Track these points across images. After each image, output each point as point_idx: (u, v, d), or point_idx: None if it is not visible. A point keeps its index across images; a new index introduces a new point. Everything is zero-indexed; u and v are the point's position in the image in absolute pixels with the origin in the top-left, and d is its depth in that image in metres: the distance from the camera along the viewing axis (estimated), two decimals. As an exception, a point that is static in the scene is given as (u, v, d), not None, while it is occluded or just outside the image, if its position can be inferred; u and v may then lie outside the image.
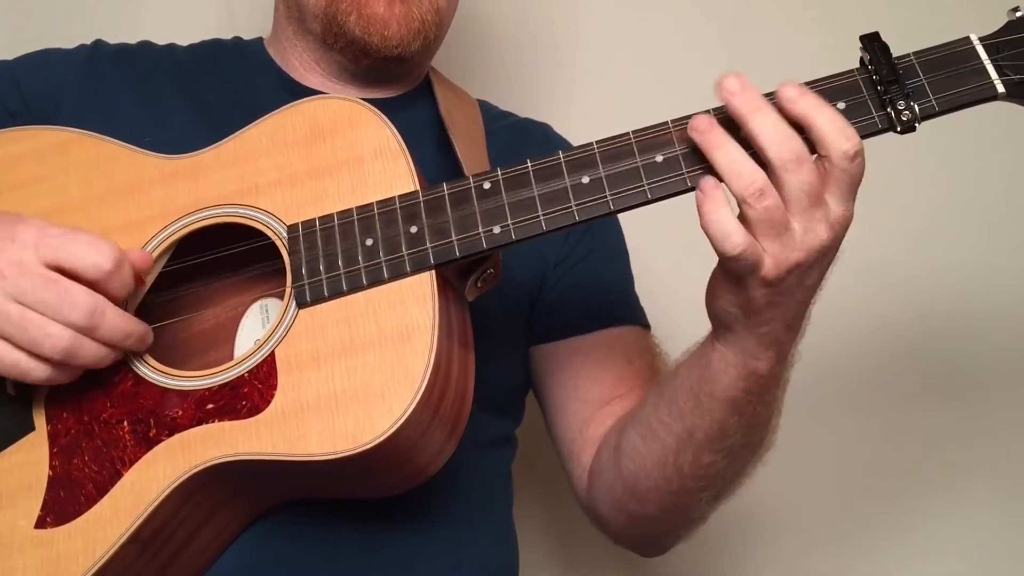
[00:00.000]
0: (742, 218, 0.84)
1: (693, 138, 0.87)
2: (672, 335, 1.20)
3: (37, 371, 0.88)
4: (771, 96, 0.86)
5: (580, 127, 1.23)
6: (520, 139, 1.25)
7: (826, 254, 0.86)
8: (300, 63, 1.22)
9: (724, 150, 0.85)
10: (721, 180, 0.85)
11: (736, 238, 0.82)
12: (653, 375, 1.16)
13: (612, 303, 1.20)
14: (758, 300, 0.87)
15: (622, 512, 1.09)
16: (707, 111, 0.89)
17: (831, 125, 0.83)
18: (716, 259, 0.93)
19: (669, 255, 1.45)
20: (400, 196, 0.93)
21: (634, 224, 1.19)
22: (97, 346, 0.89)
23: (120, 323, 0.89)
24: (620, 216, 1.10)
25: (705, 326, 0.98)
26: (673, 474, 1.00)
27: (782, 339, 0.91)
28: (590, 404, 1.15)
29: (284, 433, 0.87)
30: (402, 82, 1.23)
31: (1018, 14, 0.90)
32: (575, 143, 1.25)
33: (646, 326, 1.22)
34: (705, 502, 1.05)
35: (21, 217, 0.92)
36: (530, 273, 1.17)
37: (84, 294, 0.87)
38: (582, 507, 1.17)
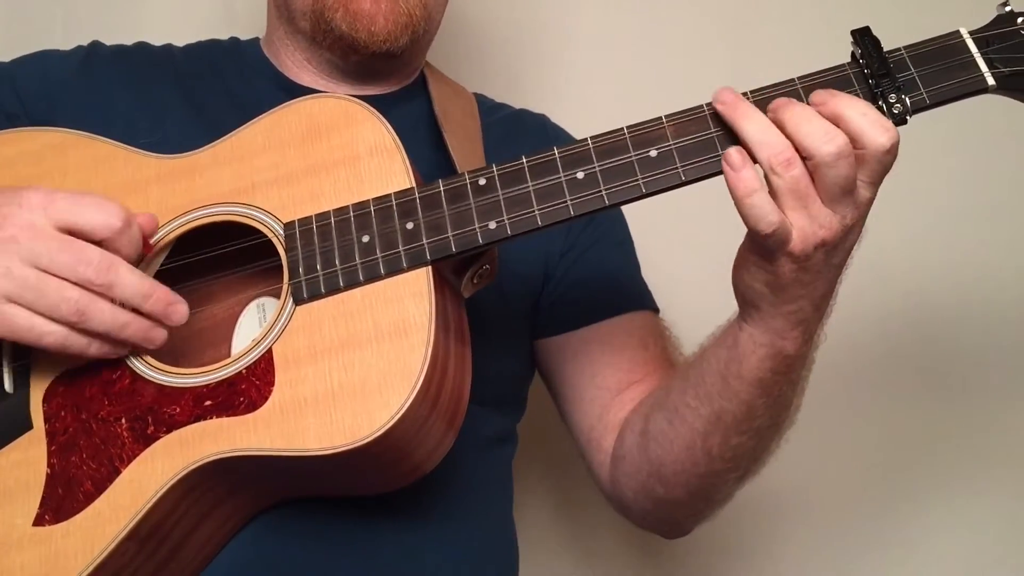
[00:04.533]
0: (769, 189, 0.85)
1: (718, 110, 0.88)
2: (678, 324, 1.22)
3: (53, 335, 0.88)
4: None
5: (578, 120, 1.24)
6: (517, 131, 1.26)
7: (851, 232, 0.88)
8: (292, 62, 1.22)
9: (751, 119, 0.86)
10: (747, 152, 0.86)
11: (772, 216, 0.84)
12: (667, 359, 1.18)
13: (622, 290, 1.21)
14: (786, 276, 0.88)
15: (648, 496, 1.09)
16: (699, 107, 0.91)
17: (865, 119, 0.84)
18: (720, 247, 0.94)
19: (673, 245, 1.46)
20: (396, 193, 0.94)
21: (637, 215, 1.19)
22: (113, 306, 0.89)
23: (136, 280, 0.90)
24: (624, 207, 1.11)
25: (712, 313, 0.99)
26: (702, 457, 1.01)
27: (809, 318, 0.92)
28: (608, 391, 1.15)
29: (282, 429, 0.88)
30: (395, 78, 1.23)
31: (1007, 8, 0.92)
32: (572, 135, 1.26)
33: (656, 310, 1.23)
34: (732, 483, 1.06)
35: (26, 185, 0.92)
36: (532, 267, 1.17)
37: (97, 252, 0.88)
38: (604, 493, 1.18)
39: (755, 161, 0.86)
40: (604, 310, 1.18)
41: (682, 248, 1.51)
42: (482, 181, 0.93)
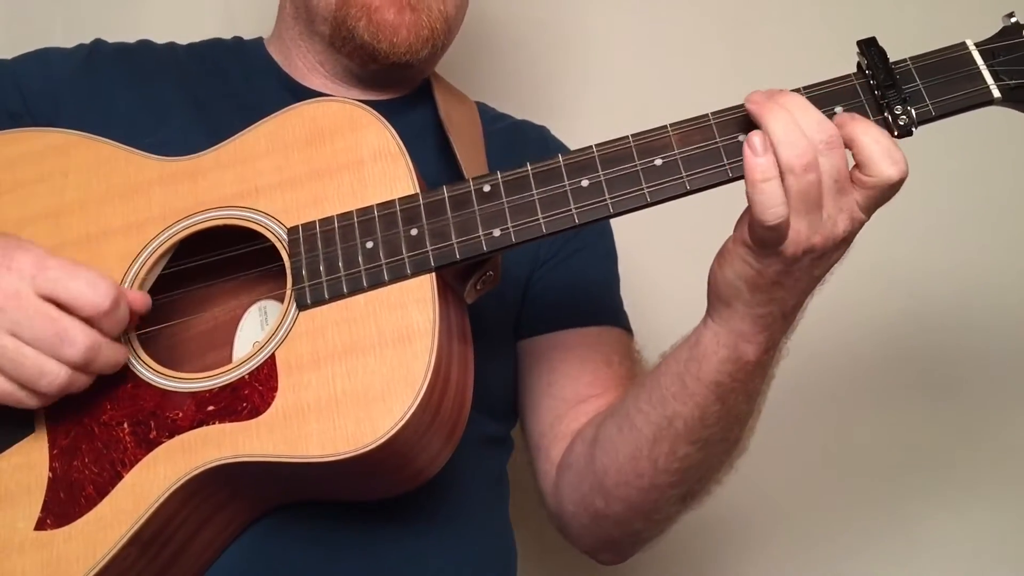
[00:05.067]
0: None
1: (749, 108, 0.88)
2: (662, 337, 1.21)
3: (30, 401, 0.88)
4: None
5: (580, 129, 1.23)
6: (518, 141, 1.25)
7: (839, 247, 0.88)
8: (304, 63, 1.22)
9: (778, 118, 0.86)
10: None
11: (781, 208, 0.84)
12: (631, 380, 1.16)
13: (597, 302, 1.20)
14: (768, 275, 0.88)
15: (587, 510, 1.08)
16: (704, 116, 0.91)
17: (878, 147, 0.85)
18: (708, 259, 0.94)
19: (661, 256, 1.46)
20: (400, 199, 0.94)
21: (627, 226, 1.19)
22: (88, 378, 0.90)
23: (113, 358, 0.90)
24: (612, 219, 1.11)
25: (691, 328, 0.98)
26: (646, 467, 1.00)
27: (776, 327, 0.93)
28: (564, 401, 1.14)
29: (285, 435, 0.88)
30: (403, 85, 1.23)
31: (1013, 20, 0.91)
32: (575, 144, 1.25)
33: (629, 330, 1.22)
34: (673, 501, 1.05)
35: (19, 242, 0.91)
36: (525, 272, 1.17)
37: (82, 333, 0.87)
38: (545, 506, 1.16)
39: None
40: (572, 319, 1.17)
41: (669, 261, 1.50)
42: (487, 188, 0.93)
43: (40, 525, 0.89)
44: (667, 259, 1.49)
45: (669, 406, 0.97)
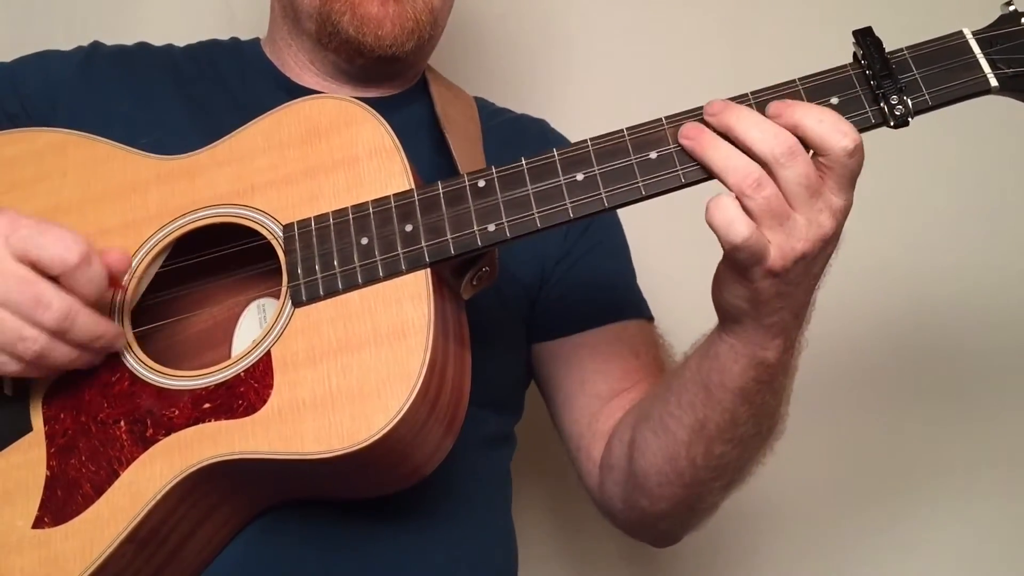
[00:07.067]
0: (745, 212, 0.85)
1: (684, 145, 0.88)
2: (673, 330, 1.21)
3: (9, 366, 0.88)
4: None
5: (578, 124, 1.23)
6: (517, 136, 1.25)
7: (829, 243, 0.88)
8: (296, 63, 1.22)
9: (716, 148, 0.86)
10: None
11: (739, 225, 0.84)
12: (659, 367, 1.17)
13: (616, 298, 1.21)
14: (766, 291, 0.88)
15: (634, 508, 1.09)
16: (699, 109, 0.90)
17: (822, 125, 0.84)
18: (717, 252, 0.93)
19: (668, 251, 1.46)
20: (395, 195, 0.94)
21: (633, 220, 1.19)
22: (68, 348, 0.89)
23: (91, 326, 0.89)
24: (619, 211, 1.10)
25: (706, 320, 0.99)
26: (686, 467, 1.01)
27: (789, 327, 0.93)
28: (598, 398, 1.15)
29: (280, 432, 0.88)
30: (397, 81, 1.23)
31: (1011, 8, 0.91)
32: (573, 139, 1.25)
33: (650, 319, 1.23)
34: (717, 492, 1.06)
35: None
36: (529, 271, 1.17)
37: (57, 298, 0.87)
38: (593, 501, 1.18)
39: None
40: (596, 318, 1.18)
41: (679, 253, 1.50)
42: (481, 183, 0.92)
43: (38, 523, 0.89)
44: (671, 252, 1.48)
45: (699, 411, 0.98)
